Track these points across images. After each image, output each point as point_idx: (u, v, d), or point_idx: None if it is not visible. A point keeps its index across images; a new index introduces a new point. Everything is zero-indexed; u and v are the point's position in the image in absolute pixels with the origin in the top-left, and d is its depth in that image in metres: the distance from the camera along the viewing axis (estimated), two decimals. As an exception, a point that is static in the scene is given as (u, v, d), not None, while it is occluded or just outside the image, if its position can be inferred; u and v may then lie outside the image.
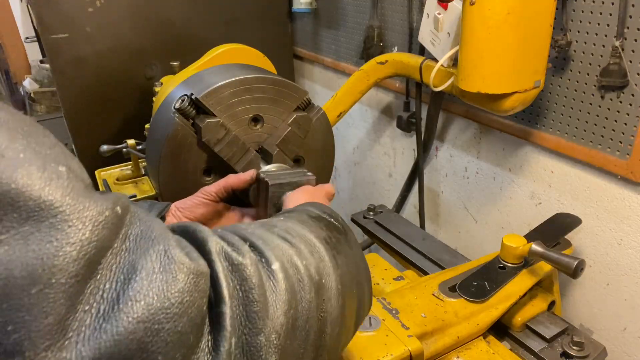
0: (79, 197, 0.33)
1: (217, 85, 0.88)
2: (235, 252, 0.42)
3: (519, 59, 0.92)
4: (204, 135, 0.86)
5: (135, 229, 0.36)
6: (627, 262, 1.02)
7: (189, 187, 0.92)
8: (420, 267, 1.12)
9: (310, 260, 0.48)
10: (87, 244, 0.32)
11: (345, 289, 0.51)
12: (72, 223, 0.31)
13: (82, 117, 1.63)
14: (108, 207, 0.34)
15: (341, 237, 0.56)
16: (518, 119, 1.16)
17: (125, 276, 0.33)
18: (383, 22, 1.49)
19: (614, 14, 0.91)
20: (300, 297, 0.44)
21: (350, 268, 0.54)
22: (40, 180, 0.31)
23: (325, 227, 0.55)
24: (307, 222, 0.54)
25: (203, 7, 1.71)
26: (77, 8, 1.50)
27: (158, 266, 0.35)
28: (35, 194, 0.30)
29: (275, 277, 0.43)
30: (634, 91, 0.91)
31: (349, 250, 0.56)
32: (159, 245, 0.36)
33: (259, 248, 0.45)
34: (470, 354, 0.86)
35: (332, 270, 0.50)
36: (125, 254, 0.34)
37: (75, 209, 0.32)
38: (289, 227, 0.51)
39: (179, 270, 0.36)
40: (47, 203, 0.31)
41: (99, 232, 0.33)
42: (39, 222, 0.30)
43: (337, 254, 0.52)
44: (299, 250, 0.48)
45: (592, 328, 1.14)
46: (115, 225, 0.34)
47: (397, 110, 1.58)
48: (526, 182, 1.21)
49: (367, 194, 1.92)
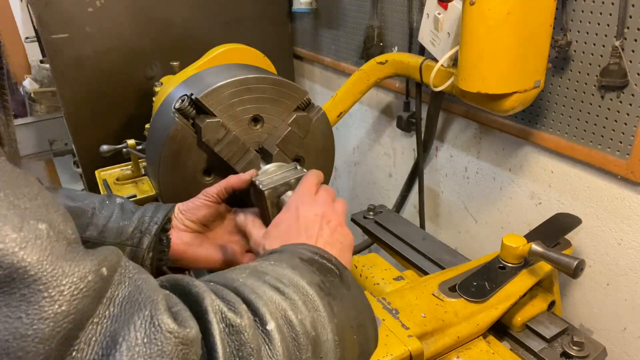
0: (58, 260, 0.29)
1: (217, 85, 0.88)
2: (233, 312, 0.39)
3: (519, 58, 0.92)
4: (204, 135, 0.86)
5: (123, 291, 0.33)
6: (627, 262, 1.02)
7: (189, 187, 0.92)
8: (420, 267, 1.12)
9: (305, 314, 0.45)
10: (63, 319, 0.28)
11: (344, 338, 0.49)
12: (47, 293, 0.28)
13: (82, 117, 1.63)
14: (92, 269, 0.31)
15: (336, 280, 0.53)
16: (518, 119, 1.16)
17: (104, 351, 0.30)
18: (383, 22, 1.49)
19: (614, 14, 0.91)
20: (296, 358, 0.42)
21: (349, 313, 0.51)
22: (15, 243, 0.28)
23: (318, 271, 0.52)
24: (298, 267, 0.51)
25: (203, 8, 1.71)
26: (77, 8, 1.50)
27: (142, 336, 0.31)
28: (7, 260, 0.27)
29: (271, 341, 0.40)
30: (634, 91, 0.91)
31: (345, 292, 0.53)
32: (146, 310, 0.33)
33: (252, 305, 0.42)
34: (470, 354, 0.86)
35: (327, 320, 0.47)
36: (108, 322, 0.31)
37: (52, 275, 0.28)
38: (280, 275, 0.48)
39: (165, 340, 0.32)
40: (20, 271, 0.27)
41: (79, 302, 0.29)
42: (9, 294, 0.27)
43: (332, 301, 0.49)
44: (293, 303, 0.45)
45: (592, 328, 1.14)
46: (98, 291, 0.31)
47: (397, 110, 1.58)
48: (526, 182, 1.21)
49: (367, 194, 1.92)
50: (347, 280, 0.55)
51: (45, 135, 2.56)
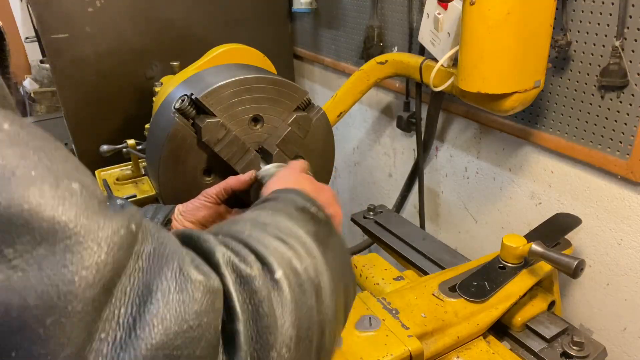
0: (93, 215, 0.31)
1: (217, 85, 0.88)
2: (243, 262, 0.41)
3: (519, 59, 0.92)
4: (204, 135, 0.86)
5: (148, 247, 0.35)
6: (627, 262, 1.02)
7: (188, 187, 0.92)
8: (420, 267, 1.12)
9: (308, 262, 0.47)
10: (103, 267, 0.30)
11: (336, 286, 0.51)
12: (87, 245, 0.30)
13: (82, 117, 1.63)
14: (123, 224, 0.33)
15: (326, 230, 0.55)
16: (518, 119, 1.16)
17: (141, 299, 0.32)
18: (383, 22, 1.49)
19: (614, 14, 0.91)
20: (302, 304, 0.44)
21: (337, 261, 0.54)
22: (54, 199, 0.30)
23: (312, 221, 0.54)
24: (295, 217, 0.53)
25: (203, 8, 1.71)
26: (77, 8, 1.50)
27: (174, 286, 0.34)
28: (48, 214, 0.29)
29: (280, 287, 0.42)
30: (634, 91, 0.91)
31: (333, 241, 0.55)
32: (174, 262, 0.35)
33: (260, 255, 0.44)
34: (470, 354, 0.86)
35: (324, 268, 0.49)
36: (139, 274, 0.33)
37: (90, 229, 0.30)
38: (280, 225, 0.50)
39: (195, 289, 0.34)
40: (61, 224, 0.29)
41: (115, 254, 0.31)
42: (53, 244, 0.29)
43: (325, 250, 0.52)
44: (296, 252, 0.47)
45: (592, 328, 1.14)
46: (129, 245, 0.33)
47: (397, 110, 1.58)
48: (526, 182, 1.21)
49: (367, 194, 1.92)
50: (333, 229, 0.58)
51: (45, 135, 2.56)
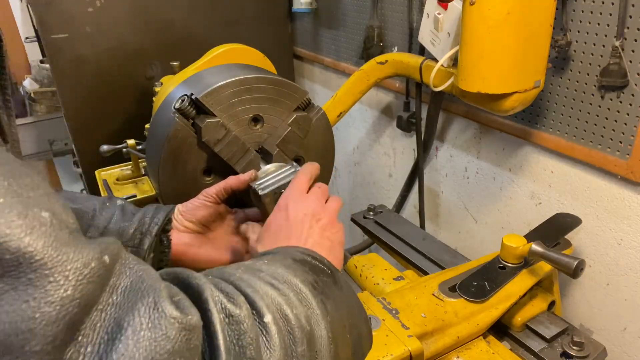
0: (62, 246, 0.30)
1: (217, 85, 0.88)
2: (232, 303, 0.40)
3: (519, 59, 0.92)
4: (204, 135, 0.86)
5: (125, 280, 0.34)
6: (627, 262, 1.02)
7: (189, 187, 0.92)
8: (420, 267, 1.12)
9: (300, 309, 0.45)
10: (69, 302, 0.29)
11: (337, 336, 0.49)
12: (53, 278, 0.28)
13: (82, 117, 1.63)
14: (94, 257, 0.32)
15: (329, 281, 0.53)
16: (518, 119, 1.16)
17: (110, 336, 0.31)
18: (383, 22, 1.49)
19: (614, 14, 0.91)
20: (292, 351, 0.42)
21: (342, 312, 0.52)
22: (21, 229, 0.28)
23: (310, 271, 0.52)
24: (291, 267, 0.51)
25: (203, 8, 1.71)
26: (77, 8, 1.50)
27: (146, 321, 0.32)
28: (13, 245, 0.27)
29: (268, 332, 0.41)
30: (634, 91, 0.91)
31: (338, 293, 0.53)
32: (149, 297, 0.33)
33: (249, 298, 0.42)
34: (470, 354, 0.86)
35: (321, 317, 0.47)
36: (112, 309, 0.32)
37: (57, 261, 0.29)
38: (274, 272, 0.49)
39: (169, 325, 0.33)
40: (27, 256, 0.28)
41: (84, 287, 0.30)
42: (15, 278, 0.27)
43: (325, 299, 0.50)
44: (288, 298, 0.45)
45: (592, 328, 1.14)
46: (102, 278, 0.32)
47: (397, 110, 1.58)
48: (526, 182, 1.21)
49: (367, 194, 1.92)
50: (339, 281, 0.55)
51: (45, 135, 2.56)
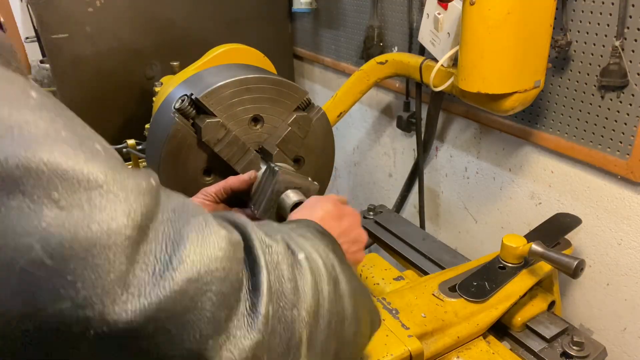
0: (117, 169, 0.35)
1: (217, 85, 0.88)
2: (269, 237, 0.45)
3: (519, 59, 0.92)
4: (204, 135, 0.86)
5: (172, 203, 0.39)
6: (627, 262, 1.02)
7: (189, 187, 0.92)
8: (420, 267, 1.12)
9: (327, 260, 0.51)
10: (134, 211, 0.34)
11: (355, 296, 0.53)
12: (117, 193, 0.34)
13: (82, 117, 1.61)
14: (144, 178, 0.37)
15: (343, 257, 0.58)
16: (518, 119, 1.16)
17: (174, 241, 0.36)
18: (383, 22, 1.49)
19: (614, 14, 0.91)
20: (322, 287, 0.48)
21: (353, 283, 0.56)
22: (84, 156, 0.33)
23: (331, 243, 0.57)
24: (317, 235, 0.57)
25: (203, 8, 1.71)
26: (77, 8, 1.50)
27: (202, 234, 0.38)
28: (80, 167, 0.33)
29: (301, 266, 0.46)
30: (634, 91, 0.91)
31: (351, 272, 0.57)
32: (199, 217, 0.39)
33: (285, 239, 0.48)
34: (470, 354, 0.86)
35: (342, 274, 0.52)
36: (169, 223, 0.37)
37: (117, 180, 0.34)
38: (304, 233, 0.54)
39: (220, 238, 0.39)
40: (94, 175, 0.33)
41: (142, 200, 0.35)
42: (89, 190, 0.33)
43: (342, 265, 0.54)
44: (317, 250, 0.51)
45: (592, 328, 1.14)
46: (153, 196, 0.37)
47: (397, 110, 1.58)
48: (526, 182, 1.21)
49: (367, 194, 1.92)
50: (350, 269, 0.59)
51: (45, 135, 2.55)
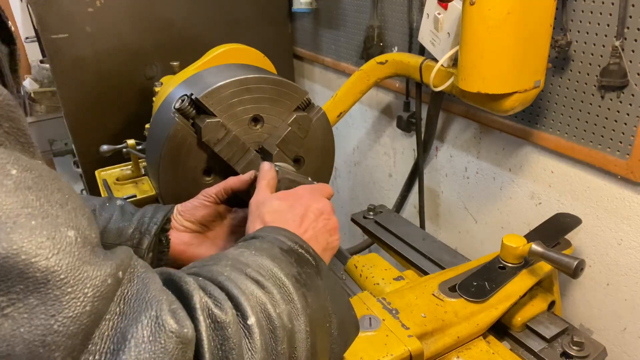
0: (84, 265, 0.33)
1: (217, 85, 0.88)
2: (218, 308, 0.42)
3: (519, 59, 0.92)
4: (204, 135, 0.86)
5: (132, 289, 0.37)
6: (627, 262, 1.02)
7: (189, 187, 0.92)
8: (420, 267, 1.12)
9: (282, 307, 0.48)
10: (86, 318, 0.32)
11: (315, 328, 0.52)
12: (75, 295, 0.32)
13: (82, 117, 1.63)
14: (111, 273, 0.35)
15: (312, 272, 0.56)
16: (518, 119, 1.16)
17: (115, 346, 0.34)
18: (383, 22, 1.49)
19: (614, 14, 0.91)
20: (272, 350, 0.45)
21: (322, 303, 0.55)
22: (50, 250, 0.31)
23: (296, 263, 0.55)
24: (277, 258, 0.54)
25: (203, 7, 1.71)
26: (77, 8, 1.50)
27: (148, 334, 0.35)
28: (43, 264, 0.30)
29: (251, 335, 0.44)
30: (634, 91, 0.91)
31: (320, 283, 0.56)
32: (152, 309, 0.36)
33: (236, 300, 0.45)
34: (470, 354, 0.86)
35: (301, 311, 0.50)
36: (118, 319, 0.35)
37: (79, 279, 0.32)
38: (260, 266, 0.52)
39: (168, 339, 0.36)
40: (54, 274, 0.31)
41: (99, 303, 0.33)
42: (44, 294, 0.30)
43: (307, 292, 0.53)
44: (272, 296, 0.48)
45: (592, 328, 1.14)
46: (113, 292, 0.35)
47: (397, 110, 1.58)
48: (526, 182, 1.21)
49: (367, 194, 1.92)
50: (322, 271, 0.58)
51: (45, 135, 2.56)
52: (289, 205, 0.69)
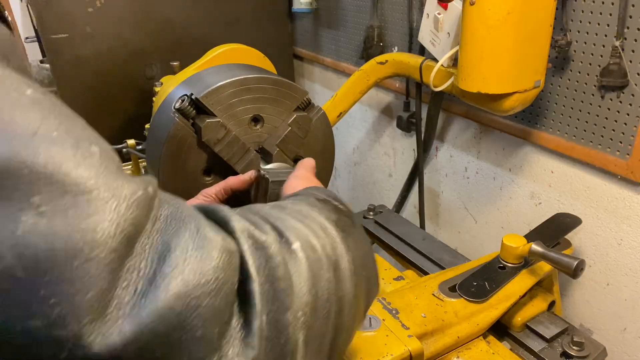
0: (112, 175, 0.33)
1: (217, 85, 0.88)
2: (258, 230, 0.42)
3: (519, 58, 0.92)
4: (204, 135, 0.86)
5: (165, 211, 0.36)
6: (627, 262, 1.02)
7: (188, 187, 0.92)
8: (420, 267, 1.12)
9: (326, 241, 0.48)
10: (124, 222, 0.32)
11: (357, 272, 0.52)
12: (107, 200, 0.31)
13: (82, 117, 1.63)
14: (140, 187, 0.34)
15: (348, 220, 0.56)
16: (518, 119, 1.16)
17: (160, 255, 0.34)
18: (383, 22, 1.49)
19: (614, 14, 0.91)
20: (320, 276, 0.45)
21: (359, 251, 0.54)
22: (75, 158, 0.31)
23: (333, 211, 0.55)
24: (316, 205, 0.54)
25: (203, 7, 1.71)
26: (77, 8, 1.50)
27: (192, 244, 0.35)
28: (71, 170, 0.30)
29: (296, 257, 0.43)
30: (634, 91, 0.91)
31: (356, 233, 0.56)
32: (191, 224, 0.37)
33: (278, 228, 0.45)
34: (470, 354, 0.86)
35: (344, 252, 0.50)
36: (157, 235, 0.34)
37: (109, 186, 0.32)
38: (301, 209, 0.51)
39: (212, 247, 0.36)
40: (83, 179, 0.31)
41: (133, 211, 0.33)
42: (76, 196, 0.30)
43: (347, 237, 0.52)
44: (315, 232, 0.48)
45: (592, 328, 1.14)
46: (146, 206, 0.34)
47: (397, 110, 1.58)
48: (526, 182, 1.21)
49: (367, 194, 1.92)
50: (356, 223, 0.58)
51: (45, 135, 2.55)
52: (306, 178, 0.70)
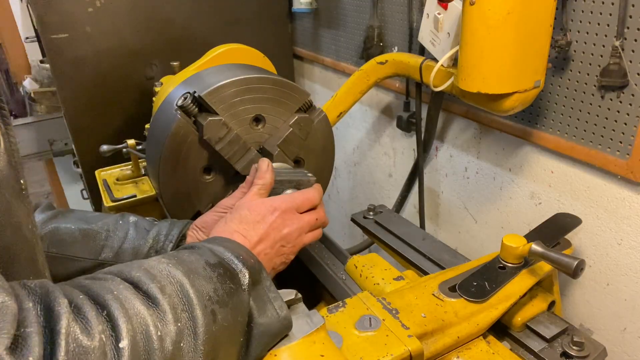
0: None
1: (220, 83, 0.89)
2: (85, 333, 0.43)
3: (519, 59, 0.92)
4: (205, 133, 0.86)
5: None
6: (627, 262, 1.03)
7: (188, 185, 0.92)
8: (420, 267, 1.12)
9: (169, 329, 0.48)
10: None
11: (219, 345, 0.52)
12: None
13: (82, 117, 1.63)
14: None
15: (236, 287, 0.56)
16: (518, 119, 1.16)
17: None
18: (383, 22, 1.49)
19: (614, 14, 0.91)
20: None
21: (239, 317, 0.55)
22: None
23: (217, 278, 0.55)
24: (195, 273, 0.54)
25: (203, 7, 1.71)
26: (77, 8, 1.51)
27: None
28: None
29: (120, 358, 0.44)
30: (634, 91, 0.92)
31: (243, 298, 0.56)
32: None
33: (114, 320, 0.45)
34: (470, 354, 0.86)
35: (202, 329, 0.50)
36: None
37: None
38: (171, 280, 0.52)
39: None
40: None
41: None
42: None
43: (219, 309, 0.52)
44: (162, 316, 0.48)
45: (592, 328, 1.14)
46: None
47: (397, 110, 1.58)
48: (526, 182, 1.21)
49: (367, 194, 1.92)
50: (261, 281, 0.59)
51: (45, 135, 2.56)
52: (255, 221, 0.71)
